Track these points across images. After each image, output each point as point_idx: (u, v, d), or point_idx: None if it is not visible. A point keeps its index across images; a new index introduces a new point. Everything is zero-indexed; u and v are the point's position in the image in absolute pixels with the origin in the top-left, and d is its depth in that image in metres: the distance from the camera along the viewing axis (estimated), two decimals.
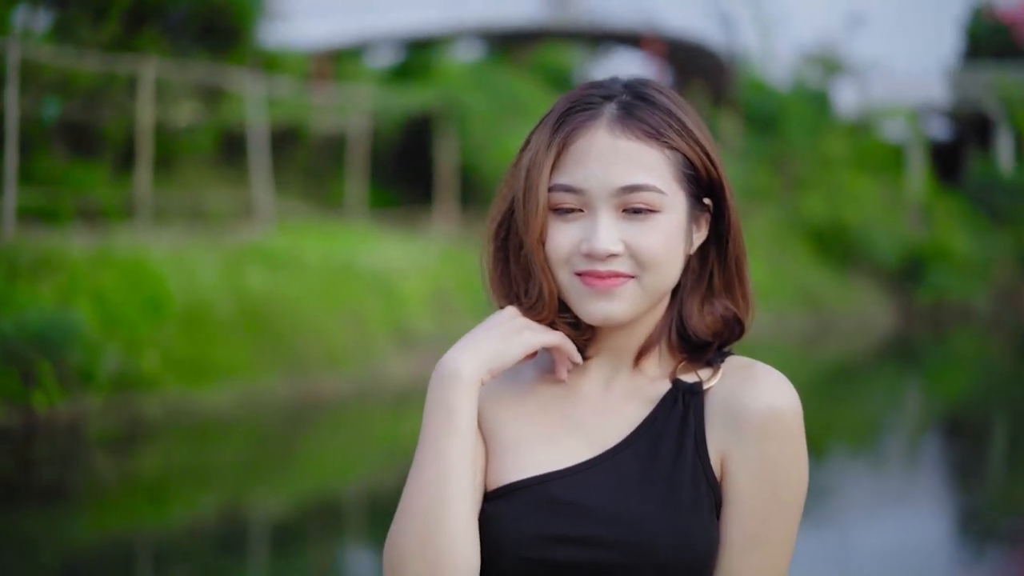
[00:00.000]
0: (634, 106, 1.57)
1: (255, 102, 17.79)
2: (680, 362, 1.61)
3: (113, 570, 7.44)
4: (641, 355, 1.62)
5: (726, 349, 1.63)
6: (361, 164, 20.34)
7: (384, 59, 28.14)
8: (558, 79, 28.05)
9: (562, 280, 1.57)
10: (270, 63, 19.80)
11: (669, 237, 1.55)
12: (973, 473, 11.36)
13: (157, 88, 16.35)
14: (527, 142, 1.60)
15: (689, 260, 1.61)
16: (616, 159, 1.54)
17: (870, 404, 15.20)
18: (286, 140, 20.43)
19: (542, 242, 1.57)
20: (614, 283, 1.54)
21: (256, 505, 9.33)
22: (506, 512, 1.54)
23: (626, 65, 34.00)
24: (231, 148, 18.98)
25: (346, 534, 8.58)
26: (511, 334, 1.57)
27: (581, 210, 1.56)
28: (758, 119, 28.27)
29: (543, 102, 22.58)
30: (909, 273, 27.85)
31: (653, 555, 1.50)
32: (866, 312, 25.97)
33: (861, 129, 32.38)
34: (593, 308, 1.55)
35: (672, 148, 1.56)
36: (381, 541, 5.89)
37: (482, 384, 1.57)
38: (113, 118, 16.68)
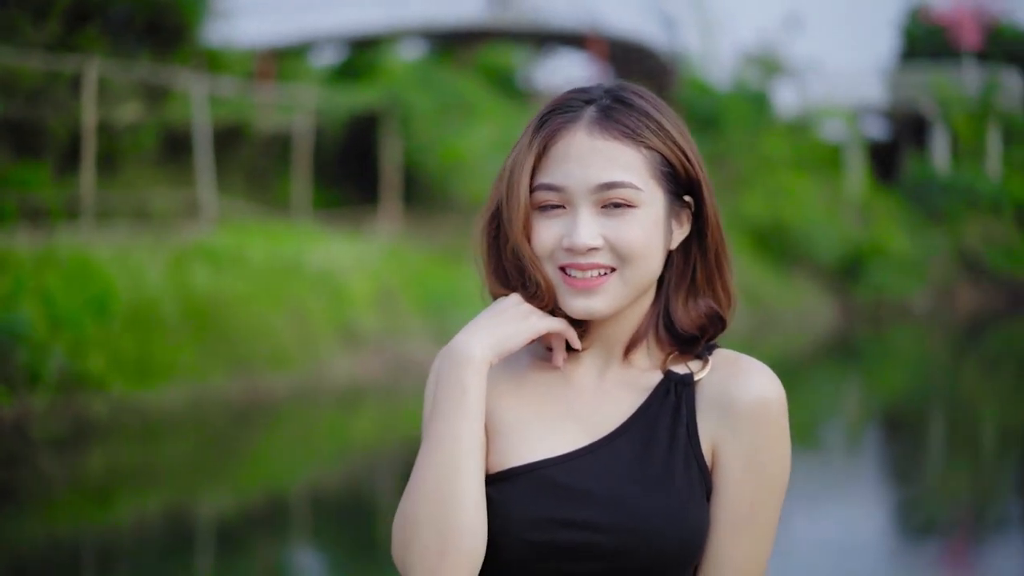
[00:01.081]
0: (612, 108, 1.64)
1: (199, 101, 17.74)
2: (669, 354, 1.68)
3: (59, 570, 7.40)
4: (630, 347, 1.69)
5: (712, 343, 1.71)
6: (305, 163, 20.32)
7: (327, 58, 28.09)
8: (502, 79, 28.11)
9: (547, 274, 1.65)
10: (214, 62, 19.74)
11: (646, 231, 1.62)
12: (911, 466, 11.56)
13: (100, 87, 16.27)
14: (516, 146, 1.67)
15: (672, 256, 1.69)
16: (594, 159, 1.61)
17: (811, 399, 15.39)
18: (230, 139, 20.36)
19: (527, 237, 1.64)
20: (595, 281, 1.62)
21: (202, 504, 9.30)
22: (508, 495, 1.60)
23: (570, 66, 34.14)
24: (175, 147, 18.91)
25: (292, 533, 8.56)
26: (518, 319, 1.64)
27: (563, 207, 1.63)
28: (699, 119, 28.48)
29: (487, 102, 22.68)
30: (848, 271, 28.16)
31: (648, 538, 1.56)
32: (807, 309, 26.26)
33: (800, 129, 32.66)
34: (576, 304, 1.63)
35: (649, 147, 1.63)
36: (327, 539, 5.94)
37: (490, 366, 1.63)
38: (56, 118, 16.57)
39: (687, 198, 1.68)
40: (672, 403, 1.65)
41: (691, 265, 1.70)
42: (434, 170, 21.32)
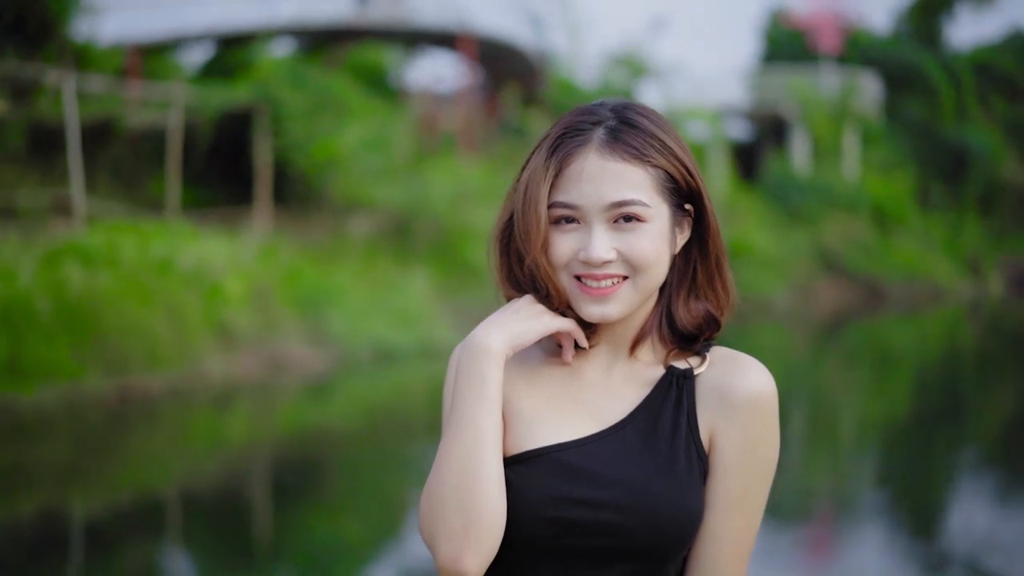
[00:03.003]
0: (619, 130, 1.79)
1: (68, 98, 17.50)
2: (671, 351, 1.85)
3: None
4: (636, 344, 1.85)
5: (709, 341, 1.88)
6: (176, 162, 20.14)
7: (195, 56, 27.80)
8: (374, 78, 28.11)
9: (563, 283, 1.80)
10: (82, 58, 19.45)
11: (655, 242, 1.77)
12: None
13: None
14: (527, 162, 1.83)
15: (674, 259, 1.85)
16: (605, 179, 1.76)
17: None
18: (100, 137, 20.09)
19: (545, 251, 1.79)
20: (609, 289, 1.77)
21: (75, 505, 9.21)
22: (525, 476, 1.75)
23: (441, 66, 34.23)
24: (43, 145, 18.61)
25: (165, 533, 8.52)
26: (532, 317, 1.80)
27: (577, 222, 1.78)
28: None
29: (359, 100, 22.68)
30: None
31: (652, 516, 1.72)
32: None
33: None
34: (591, 310, 1.79)
35: (654, 166, 1.78)
36: (201, 541, 6.05)
37: (505, 359, 1.78)
38: None
39: (688, 207, 1.84)
40: (674, 396, 1.81)
41: (691, 267, 1.86)
42: (306, 168, 21.27)
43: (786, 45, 41.93)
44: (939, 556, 7.88)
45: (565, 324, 1.82)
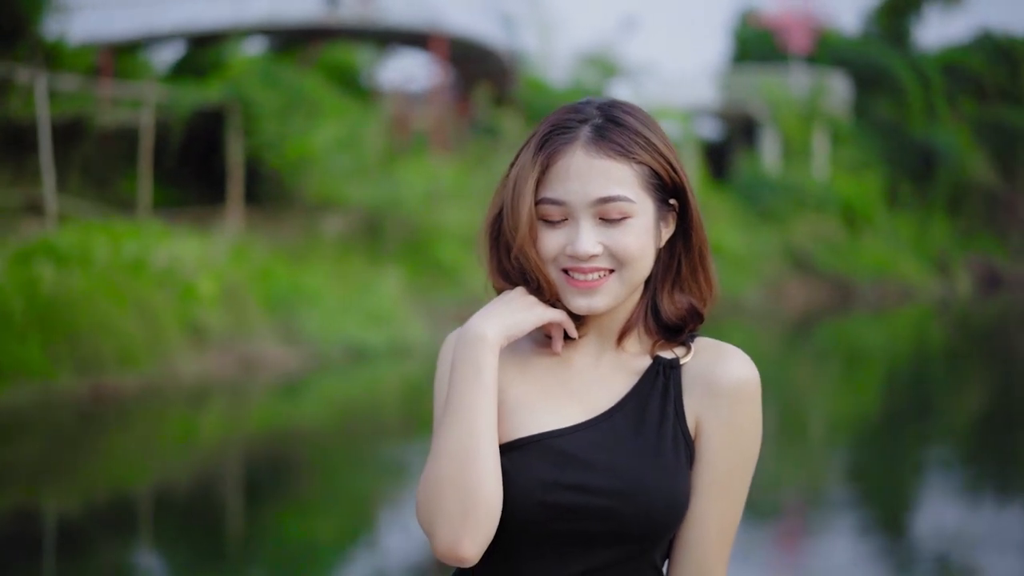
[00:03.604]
0: (605, 128, 1.83)
1: (39, 97, 17.45)
2: (656, 341, 1.90)
3: None
4: (623, 335, 1.90)
5: (694, 331, 1.93)
6: (148, 161, 20.10)
7: (166, 55, 27.74)
8: (346, 77, 28.12)
9: (551, 275, 1.85)
10: (54, 58, 19.40)
11: (640, 237, 1.82)
12: None
13: None
14: (516, 158, 1.88)
15: (659, 252, 1.89)
16: (592, 176, 1.80)
17: None
18: (72, 136, 20.04)
19: (532, 244, 1.84)
20: (596, 282, 1.83)
21: (48, 505, 9.19)
22: (519, 462, 1.80)
23: (413, 65, 34.24)
24: (13, 144, 18.54)
25: (137, 533, 8.52)
26: (525, 308, 1.85)
27: (564, 219, 1.83)
28: (538, 118, 28.73)
29: (332, 100, 22.68)
30: None
31: (642, 501, 1.77)
32: None
33: None
34: (578, 302, 1.84)
35: (639, 162, 1.83)
36: (173, 540, 6.05)
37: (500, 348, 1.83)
38: None
39: (672, 202, 1.89)
40: (661, 384, 1.86)
41: (676, 260, 1.91)
42: (279, 168, 21.27)
43: (756, 45, 42.10)
44: (907, 550, 7.98)
45: (556, 315, 1.87)
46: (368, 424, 13.31)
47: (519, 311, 1.84)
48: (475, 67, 31.27)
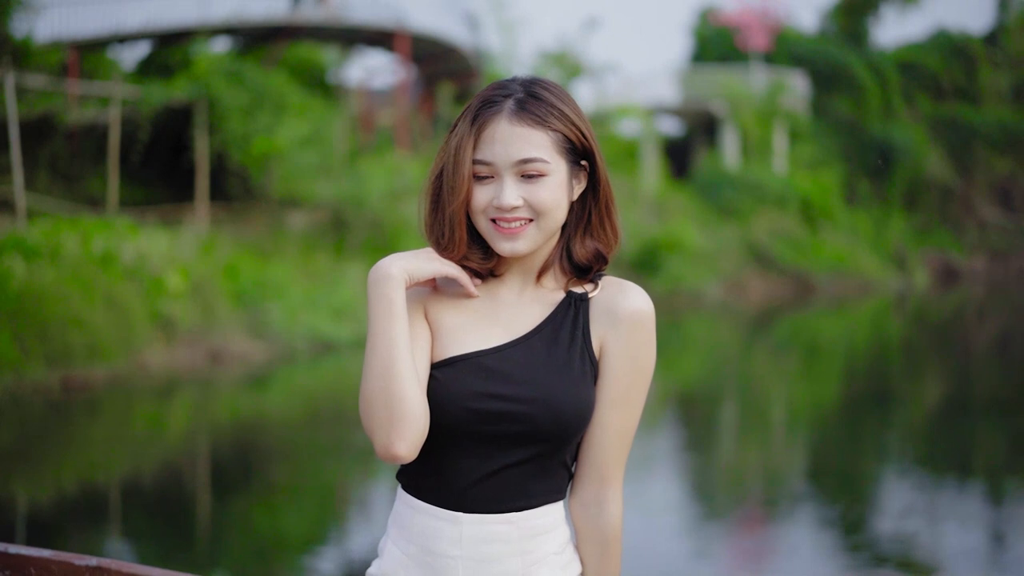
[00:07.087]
0: (526, 101, 2.20)
1: (7, 95, 17.50)
2: (569, 279, 2.28)
3: None
4: (541, 273, 2.28)
5: (600, 271, 2.32)
6: (115, 158, 20.17)
7: (133, 53, 27.73)
8: (312, 76, 28.22)
9: (481, 226, 2.22)
10: (21, 56, 19.43)
11: (554, 192, 2.19)
12: (704, 445, 12.14)
13: None
14: (454, 127, 2.24)
15: (573, 205, 2.27)
16: (514, 140, 2.17)
17: None
18: (39, 134, 20.09)
19: (466, 202, 2.20)
20: (518, 229, 2.18)
21: (17, 494, 9.21)
22: (450, 376, 2.17)
23: (378, 64, 34.27)
24: None
25: (106, 523, 8.54)
26: (426, 259, 2.22)
27: (492, 177, 2.19)
28: None
29: (297, 98, 22.81)
30: (646, 263, 28.75)
31: (554, 408, 2.15)
32: None
33: (598, 127, 33.28)
34: (504, 246, 2.20)
35: (554, 130, 2.19)
36: (142, 530, 6.20)
37: (406, 287, 2.18)
38: None
39: (583, 163, 2.25)
40: (572, 314, 2.25)
41: (587, 211, 2.28)
42: (245, 164, 21.38)
43: (715, 43, 42.38)
44: (866, 537, 8.07)
45: (451, 270, 2.23)
46: (334, 415, 13.45)
47: (422, 260, 2.21)
48: (439, 65, 31.41)
